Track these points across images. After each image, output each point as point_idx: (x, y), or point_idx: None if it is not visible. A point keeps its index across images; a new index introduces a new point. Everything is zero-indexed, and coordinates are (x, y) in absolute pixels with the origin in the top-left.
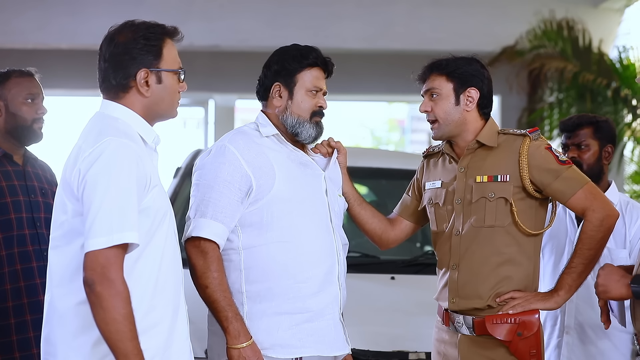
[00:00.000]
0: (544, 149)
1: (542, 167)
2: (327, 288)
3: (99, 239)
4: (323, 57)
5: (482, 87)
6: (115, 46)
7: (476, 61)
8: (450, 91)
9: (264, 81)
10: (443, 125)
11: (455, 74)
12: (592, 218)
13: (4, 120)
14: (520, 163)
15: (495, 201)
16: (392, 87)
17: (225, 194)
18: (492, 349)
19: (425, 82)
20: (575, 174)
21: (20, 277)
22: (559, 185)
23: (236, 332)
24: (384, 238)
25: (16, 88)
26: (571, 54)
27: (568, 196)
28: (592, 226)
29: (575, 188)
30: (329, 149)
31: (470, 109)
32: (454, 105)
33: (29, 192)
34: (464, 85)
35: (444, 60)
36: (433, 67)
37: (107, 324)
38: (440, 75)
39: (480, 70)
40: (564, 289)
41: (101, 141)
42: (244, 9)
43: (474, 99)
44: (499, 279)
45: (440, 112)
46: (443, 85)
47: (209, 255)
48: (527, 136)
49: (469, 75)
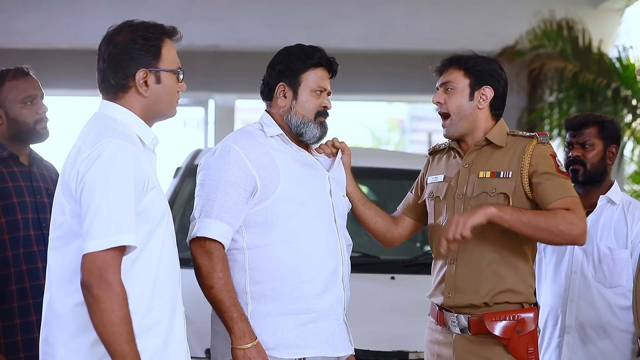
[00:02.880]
0: (548, 154)
1: (540, 170)
2: (331, 289)
3: (97, 241)
4: (327, 57)
5: (497, 87)
6: (114, 46)
7: (496, 62)
8: (466, 86)
9: (268, 81)
10: (455, 120)
11: (474, 70)
12: (571, 216)
13: (6, 126)
14: (523, 161)
15: (495, 197)
16: (392, 87)
17: (230, 194)
18: (488, 348)
19: (442, 75)
20: (569, 185)
21: (26, 277)
22: (549, 186)
23: (241, 333)
24: (388, 236)
25: (13, 92)
26: (571, 54)
27: (554, 198)
28: (564, 217)
29: (563, 195)
30: (333, 149)
31: (483, 106)
32: (468, 100)
33: (35, 192)
34: (480, 82)
35: (464, 56)
36: (453, 60)
37: (105, 326)
38: (458, 69)
39: (499, 71)
40: (499, 209)
41: (99, 142)
42: (244, 9)
43: (488, 98)
44: (496, 277)
45: (452, 105)
46: (460, 79)
47: (214, 256)
48: (535, 138)
49: (487, 74)
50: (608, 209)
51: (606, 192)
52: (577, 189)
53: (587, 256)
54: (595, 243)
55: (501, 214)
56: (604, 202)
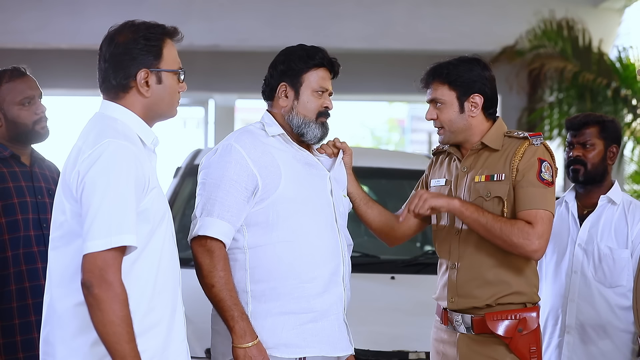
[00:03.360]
0: (536, 159)
1: (523, 172)
2: (332, 288)
3: (97, 241)
4: (329, 57)
5: (485, 91)
6: (116, 46)
7: (477, 63)
8: (454, 99)
9: (269, 81)
10: (448, 132)
11: (457, 83)
12: (528, 230)
13: (5, 128)
14: (513, 164)
15: (491, 201)
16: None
17: (231, 193)
18: (491, 347)
19: (429, 89)
20: (546, 195)
21: (25, 277)
22: (523, 194)
23: (242, 332)
24: (391, 235)
25: (10, 95)
26: (571, 54)
27: (527, 207)
28: (521, 229)
29: (537, 206)
30: (335, 149)
31: (475, 114)
32: (459, 113)
33: (36, 193)
34: (466, 93)
35: (444, 67)
36: (435, 74)
37: (105, 326)
38: (442, 83)
39: (482, 73)
40: (463, 204)
41: (100, 143)
42: (244, 9)
43: (478, 105)
44: (498, 282)
45: (445, 119)
46: (446, 94)
47: (215, 254)
48: (527, 139)
49: (471, 82)
50: (609, 209)
51: (607, 192)
52: (578, 189)
53: (588, 256)
54: (596, 243)
55: (462, 210)
56: (605, 202)
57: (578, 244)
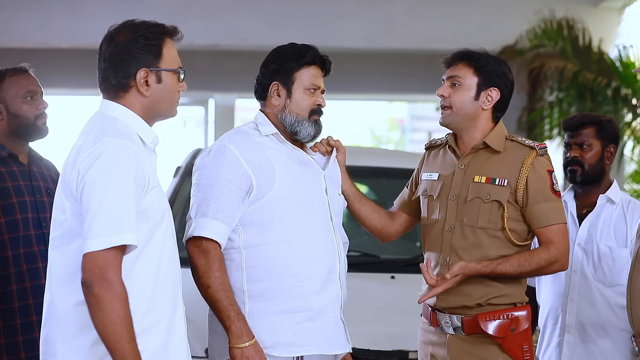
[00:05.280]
0: (546, 170)
1: (537, 186)
2: (328, 287)
3: (97, 241)
4: (320, 55)
5: (504, 90)
6: (115, 46)
7: (506, 64)
8: (474, 85)
9: (261, 80)
10: (455, 114)
11: (484, 70)
12: (551, 251)
13: (7, 122)
14: (521, 172)
15: (489, 203)
16: (392, 86)
17: (225, 194)
18: (483, 347)
19: (450, 68)
20: (560, 208)
21: (26, 277)
22: (543, 209)
23: (239, 332)
24: (384, 232)
25: (13, 88)
26: (571, 53)
27: (544, 224)
28: (545, 256)
29: (554, 221)
30: (328, 147)
31: (487, 107)
32: (473, 99)
33: (35, 192)
34: (488, 83)
35: (476, 53)
36: (464, 56)
37: (105, 325)
38: (468, 66)
39: (507, 74)
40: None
41: (100, 142)
42: (244, 8)
43: (493, 100)
44: (489, 287)
45: (457, 100)
46: (468, 76)
47: (210, 255)
48: (534, 149)
49: (496, 75)
50: (607, 208)
51: (605, 192)
52: (577, 189)
53: (587, 255)
54: (595, 242)
55: (478, 268)
56: (604, 202)
57: (577, 244)
